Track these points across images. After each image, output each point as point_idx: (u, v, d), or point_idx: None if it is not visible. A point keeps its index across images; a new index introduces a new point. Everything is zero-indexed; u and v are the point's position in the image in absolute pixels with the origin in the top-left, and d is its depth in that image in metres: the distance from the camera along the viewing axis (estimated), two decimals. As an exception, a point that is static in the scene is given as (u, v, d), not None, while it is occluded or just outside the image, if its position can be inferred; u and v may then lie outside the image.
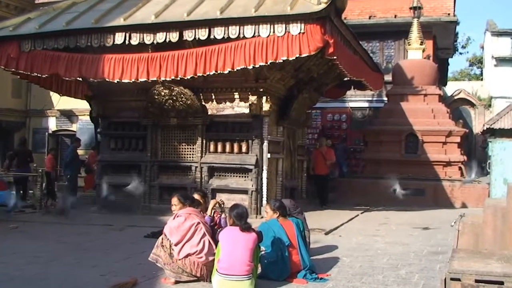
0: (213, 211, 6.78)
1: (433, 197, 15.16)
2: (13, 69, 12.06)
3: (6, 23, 12.43)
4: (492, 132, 17.89)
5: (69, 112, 22.75)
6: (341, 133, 21.37)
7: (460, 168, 16.33)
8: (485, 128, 18.58)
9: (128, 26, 10.78)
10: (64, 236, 9.46)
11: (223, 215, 6.74)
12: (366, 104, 21.36)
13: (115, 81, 10.82)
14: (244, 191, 11.58)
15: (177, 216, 6.11)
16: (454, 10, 21.64)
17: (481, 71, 43.04)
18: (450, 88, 28.51)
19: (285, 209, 6.65)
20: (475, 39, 46.21)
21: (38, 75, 11.78)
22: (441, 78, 24.21)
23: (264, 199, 11.48)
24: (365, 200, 14.66)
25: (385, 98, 19.03)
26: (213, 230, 6.37)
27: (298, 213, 7.11)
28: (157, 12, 10.73)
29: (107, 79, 10.87)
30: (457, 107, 25.91)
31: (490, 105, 26.61)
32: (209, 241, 6.04)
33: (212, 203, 6.88)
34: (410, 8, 18.59)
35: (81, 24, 11.31)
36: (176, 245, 5.98)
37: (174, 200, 6.34)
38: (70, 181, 14.49)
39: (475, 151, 25.46)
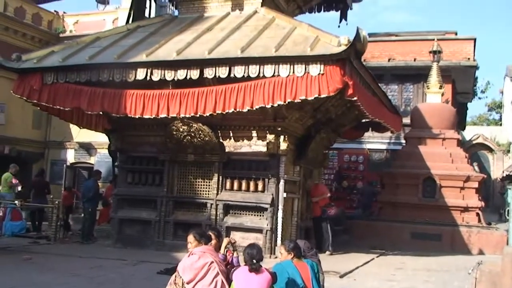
0: (225, 250, 6.73)
1: (450, 243, 14.92)
2: (35, 101, 12.20)
3: (30, 55, 12.66)
4: (511, 179, 17.68)
5: (88, 145, 22.94)
6: (357, 175, 21.27)
7: (477, 214, 16.11)
8: (504, 175, 18.38)
9: (150, 62, 10.92)
10: (77, 269, 9.44)
11: (235, 254, 6.68)
12: (383, 146, 21.30)
13: (137, 117, 10.91)
14: (259, 230, 11.51)
15: (192, 254, 6.07)
16: (474, 55, 21.68)
17: (500, 116, 42.84)
18: (469, 132, 28.39)
19: (299, 250, 6.56)
20: (495, 84, 46.07)
21: (60, 108, 11.90)
22: (460, 122, 24.12)
23: (279, 239, 11.38)
24: (381, 244, 14.47)
25: (403, 141, 18.95)
26: (226, 269, 6.31)
27: (313, 255, 7.01)
28: (179, 49, 10.88)
29: (128, 115, 10.98)
30: (475, 152, 25.75)
31: (509, 151, 26.42)
32: (222, 281, 5.97)
33: (225, 242, 6.82)
34: (430, 52, 18.66)
35: (104, 59, 11.48)
36: (188, 283, 5.91)
37: (190, 238, 6.30)
38: (90, 214, 14.51)
39: (493, 197, 25.17)
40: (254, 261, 5.68)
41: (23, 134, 23.38)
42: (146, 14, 15.00)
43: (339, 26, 15.67)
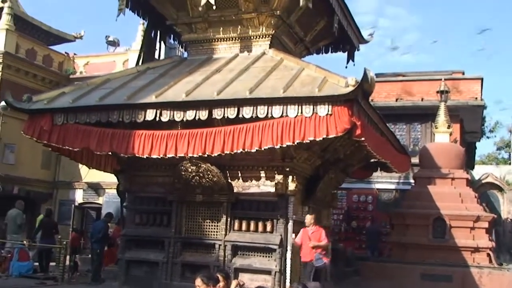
0: (234, 292, 6.67)
1: (461, 284, 14.73)
2: (45, 142, 12.27)
3: (41, 96, 12.78)
4: (522, 219, 17.55)
5: (97, 185, 23.01)
6: (366, 215, 21.15)
7: (488, 255, 15.93)
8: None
9: (159, 103, 11.00)
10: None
11: (243, 296, 6.63)
12: (392, 186, 21.23)
13: (144, 157, 10.96)
14: (267, 272, 11.37)
15: (200, 297, 6.02)
16: (482, 94, 21.77)
17: (509, 155, 42.70)
18: (478, 171, 28.27)
19: (309, 292, 6.49)
20: (503, 122, 46.07)
21: (70, 148, 11.97)
22: (469, 161, 24.06)
23: (288, 280, 11.25)
24: (391, 285, 14.30)
25: (412, 181, 18.90)
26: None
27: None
28: (188, 90, 10.98)
29: (137, 155, 11.02)
30: (484, 191, 25.55)
31: (518, 190, 26.24)
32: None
33: (233, 284, 6.79)
34: (437, 92, 18.77)
35: (114, 100, 11.59)
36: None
37: (198, 281, 6.27)
38: (98, 255, 14.43)
39: (504, 237, 24.88)
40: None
41: (32, 174, 23.51)
42: (156, 56, 15.22)
43: (346, 67, 15.81)
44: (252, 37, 13.07)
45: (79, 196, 24.19)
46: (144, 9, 14.25)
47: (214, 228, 12.09)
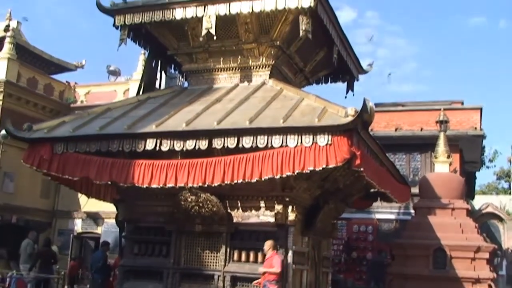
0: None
1: (463, 316, 14.58)
2: (44, 170, 12.26)
3: (41, 125, 12.79)
4: (523, 249, 17.45)
5: (95, 215, 22.94)
6: (367, 245, 21.02)
7: (489, 286, 15.78)
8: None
9: (159, 132, 11.03)
10: None
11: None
12: (393, 216, 21.15)
13: (144, 186, 10.93)
14: (267, 303, 11.25)
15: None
16: (481, 124, 21.82)
17: (509, 185, 42.63)
18: (478, 201, 28.24)
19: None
20: (502, 152, 46.13)
21: (69, 177, 11.94)
22: (469, 191, 24.00)
23: (288, 311, 11.13)
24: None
25: (412, 211, 18.82)
26: None
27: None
28: (188, 120, 11.01)
29: (136, 184, 11.00)
30: (485, 222, 25.45)
31: (519, 220, 26.14)
32: None
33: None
34: (437, 122, 18.80)
35: (114, 130, 11.61)
36: None
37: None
38: (101, 285, 14.29)
39: (501, 266, 24.71)
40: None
41: (31, 203, 23.45)
42: (157, 86, 15.29)
43: (346, 97, 15.88)
44: (252, 67, 13.17)
45: (78, 226, 24.09)
46: (145, 39, 14.35)
47: (213, 259, 12.00)
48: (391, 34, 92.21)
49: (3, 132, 12.74)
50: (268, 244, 11.16)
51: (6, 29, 25.64)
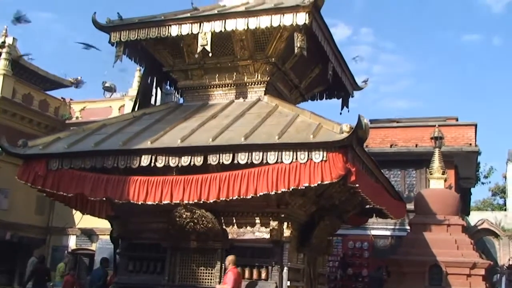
0: None
1: (459, 333, 14.52)
2: (39, 187, 12.20)
3: (36, 141, 12.76)
4: (519, 265, 17.44)
5: (90, 231, 22.83)
6: (362, 262, 20.96)
7: (486, 302, 15.76)
8: (511, 262, 18.15)
9: (154, 149, 11.02)
10: None
11: None
12: (388, 233, 21.13)
13: (139, 203, 10.90)
14: (262, 320, 11.19)
15: None
16: (476, 140, 21.89)
17: (505, 201, 42.67)
18: (474, 218, 28.27)
19: None
20: (498, 168, 46.23)
21: (64, 194, 11.90)
22: (464, 207, 24.03)
23: (283, 328, 11.06)
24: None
25: (408, 227, 18.82)
26: None
27: None
28: (183, 136, 11.01)
29: (131, 201, 10.96)
30: (480, 238, 25.46)
31: (515, 236, 26.16)
32: None
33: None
34: (431, 138, 18.89)
35: (109, 146, 11.60)
36: None
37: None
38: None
39: (500, 283, 24.66)
40: None
41: (26, 220, 23.32)
42: (152, 102, 15.30)
43: (341, 113, 15.91)
44: (247, 84, 13.21)
45: (72, 242, 23.96)
46: (141, 56, 14.40)
47: (208, 276, 11.93)
48: (386, 51, 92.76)
49: (-2, 148, 12.71)
50: (228, 260, 11.19)
51: (2, 45, 25.67)
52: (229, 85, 13.37)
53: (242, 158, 10.32)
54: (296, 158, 9.95)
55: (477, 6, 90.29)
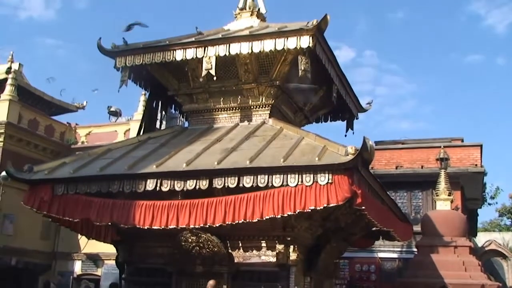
0: None
1: None
2: (45, 212, 12.18)
3: (42, 166, 12.78)
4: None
5: (95, 256, 22.75)
6: (370, 285, 20.77)
7: (495, 325, 15.56)
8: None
9: (159, 173, 11.01)
10: None
11: None
12: (395, 255, 20.97)
13: (146, 228, 10.86)
14: None
15: None
16: (481, 161, 21.81)
17: (512, 221, 42.37)
18: (481, 239, 28.07)
19: None
20: (504, 189, 45.89)
21: (70, 219, 11.87)
22: (471, 229, 23.87)
23: None
24: None
25: (415, 249, 18.68)
26: None
27: None
28: (188, 160, 11.01)
29: (137, 226, 10.93)
30: (488, 259, 25.23)
31: (523, 257, 25.90)
32: None
33: None
34: (437, 159, 18.81)
35: (115, 170, 11.60)
36: None
37: None
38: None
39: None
40: None
41: (31, 245, 23.25)
42: (157, 126, 15.35)
43: (345, 135, 15.93)
44: (252, 107, 13.25)
45: (77, 268, 23.87)
46: (146, 80, 14.48)
47: (215, 300, 11.83)
48: (390, 73, 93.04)
49: (4, 173, 12.74)
50: (209, 284, 11.20)
51: (8, 71, 25.86)
52: (234, 108, 13.41)
53: (247, 181, 10.29)
54: (302, 181, 9.92)
55: (480, 26, 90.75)
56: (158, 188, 10.94)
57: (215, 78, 12.50)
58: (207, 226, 10.51)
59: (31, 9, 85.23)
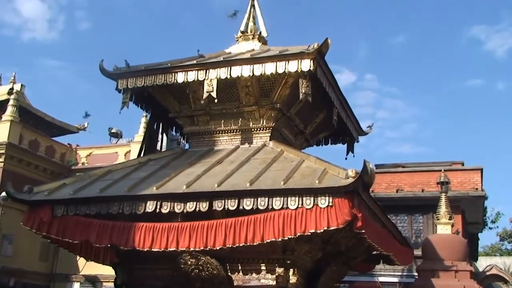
0: None
1: None
2: (44, 233, 12.12)
3: (42, 187, 12.75)
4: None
5: (94, 278, 22.65)
6: (370, 309, 20.62)
7: None
8: (522, 308, 17.82)
9: (159, 195, 10.98)
10: None
11: None
12: (396, 279, 20.87)
13: (145, 250, 10.81)
14: None
15: None
16: (482, 185, 21.80)
17: (513, 246, 42.18)
18: (482, 263, 27.95)
19: None
20: (505, 213, 45.71)
21: (69, 240, 11.82)
22: (472, 253, 23.78)
23: None
24: None
25: (416, 273, 18.58)
26: None
27: None
28: (188, 182, 10.99)
29: (137, 248, 10.87)
30: (489, 284, 25.08)
31: (524, 283, 25.75)
32: None
33: None
34: (437, 183, 18.82)
35: (114, 192, 11.57)
36: None
37: None
38: None
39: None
40: None
41: (30, 266, 23.17)
42: (158, 147, 15.36)
43: (346, 158, 15.92)
44: (252, 130, 13.27)
45: (76, 289, 23.72)
46: (147, 102, 14.53)
47: (214, 324, 11.74)
48: (390, 96, 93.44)
49: (4, 194, 12.74)
50: None
51: (10, 92, 25.97)
52: (235, 130, 13.42)
53: (247, 204, 10.25)
54: (302, 204, 9.89)
55: (480, 51, 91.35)
56: (158, 210, 10.89)
57: (216, 100, 12.53)
58: (207, 249, 10.45)
59: (34, 30, 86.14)
